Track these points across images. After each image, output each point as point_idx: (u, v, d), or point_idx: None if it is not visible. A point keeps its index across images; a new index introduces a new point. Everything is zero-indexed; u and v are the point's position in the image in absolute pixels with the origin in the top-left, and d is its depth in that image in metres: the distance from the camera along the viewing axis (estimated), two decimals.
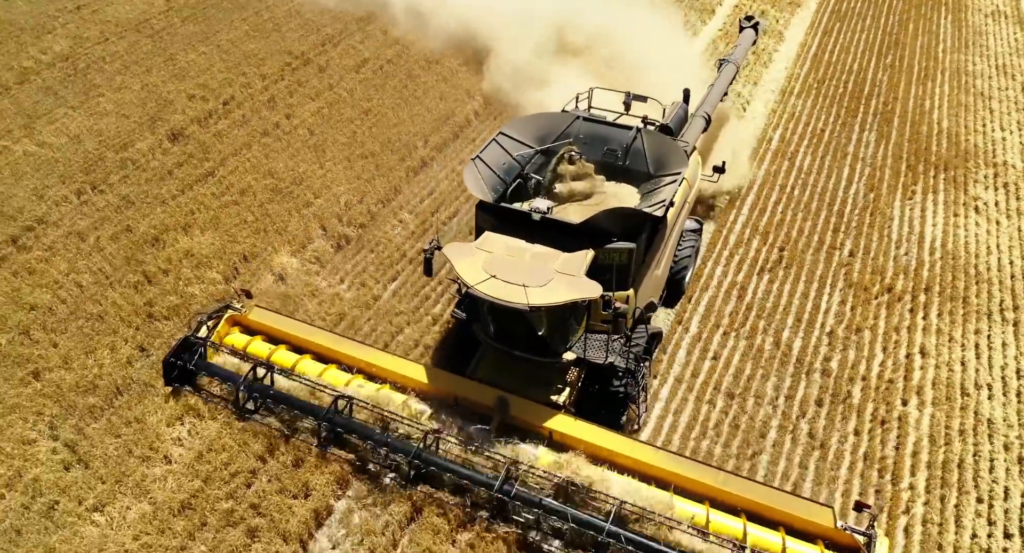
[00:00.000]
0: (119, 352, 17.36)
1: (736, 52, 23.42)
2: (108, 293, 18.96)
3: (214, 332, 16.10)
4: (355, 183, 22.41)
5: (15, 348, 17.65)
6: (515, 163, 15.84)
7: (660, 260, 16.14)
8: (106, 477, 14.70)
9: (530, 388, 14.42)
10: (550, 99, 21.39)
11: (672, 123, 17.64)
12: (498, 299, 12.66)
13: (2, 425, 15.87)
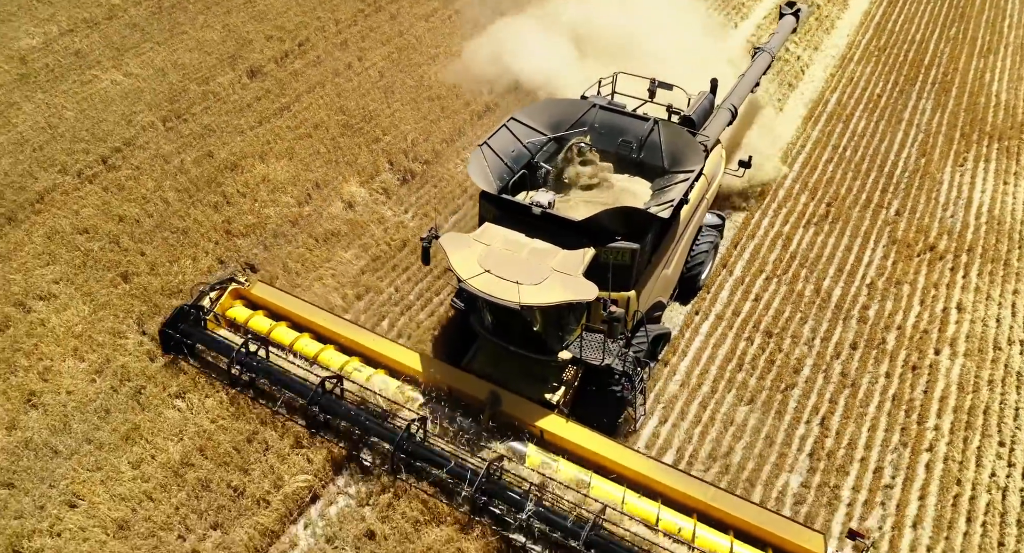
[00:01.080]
0: (200, 262, 18.71)
1: (773, 40, 22.20)
2: (191, 210, 20.31)
3: (217, 303, 16.05)
4: (421, 123, 23.37)
5: (106, 254, 19.13)
6: (525, 151, 15.13)
7: (670, 260, 15.55)
8: (187, 368, 16.03)
9: (525, 384, 14.03)
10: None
11: (695, 114, 16.72)
12: (489, 295, 12.19)
13: (95, 319, 17.38)
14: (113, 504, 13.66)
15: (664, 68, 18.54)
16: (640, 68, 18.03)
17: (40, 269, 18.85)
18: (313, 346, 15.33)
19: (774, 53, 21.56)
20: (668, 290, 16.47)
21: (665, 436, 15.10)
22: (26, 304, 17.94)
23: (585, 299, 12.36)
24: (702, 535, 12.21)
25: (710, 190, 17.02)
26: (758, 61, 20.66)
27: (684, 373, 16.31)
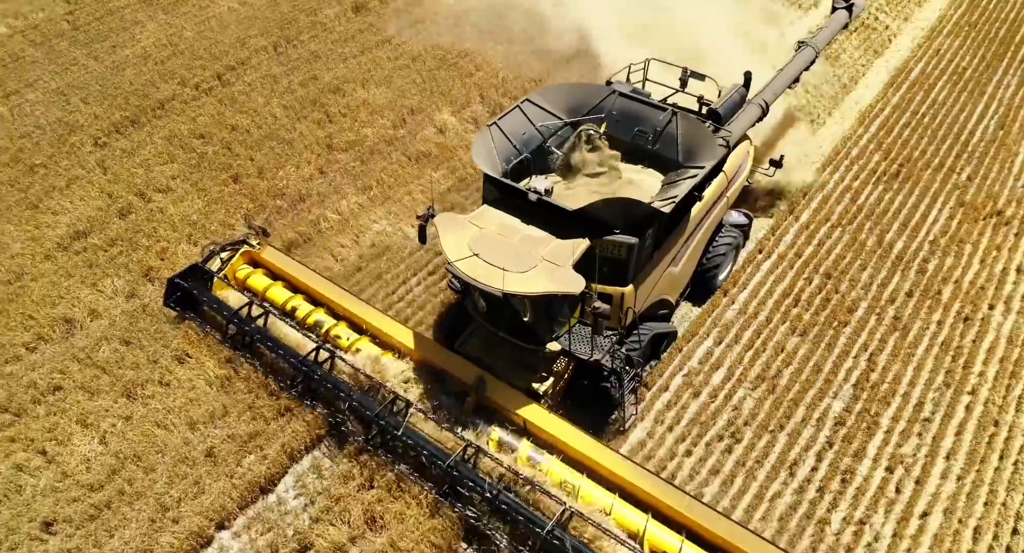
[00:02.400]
0: (302, 170, 20.23)
1: (820, 35, 20.53)
2: (296, 125, 21.83)
3: (228, 264, 16.09)
4: (512, 62, 24.39)
5: (219, 157, 20.80)
6: (537, 133, 14.56)
7: (678, 258, 14.96)
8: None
9: (514, 372, 13.65)
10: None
11: (723, 108, 16.06)
12: (473, 280, 11.80)
13: (207, 211, 19.07)
14: (217, 364, 15.28)
15: (708, 59, 18.36)
16: (687, 57, 17.63)
17: (160, 166, 20.64)
18: (313, 313, 15.21)
19: (819, 49, 19.94)
20: (677, 289, 15.89)
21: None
22: (147, 195, 19.75)
23: (570, 292, 11.70)
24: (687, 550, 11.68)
25: (731, 188, 16.27)
26: (800, 56, 19.26)
27: (742, 303, 17.16)
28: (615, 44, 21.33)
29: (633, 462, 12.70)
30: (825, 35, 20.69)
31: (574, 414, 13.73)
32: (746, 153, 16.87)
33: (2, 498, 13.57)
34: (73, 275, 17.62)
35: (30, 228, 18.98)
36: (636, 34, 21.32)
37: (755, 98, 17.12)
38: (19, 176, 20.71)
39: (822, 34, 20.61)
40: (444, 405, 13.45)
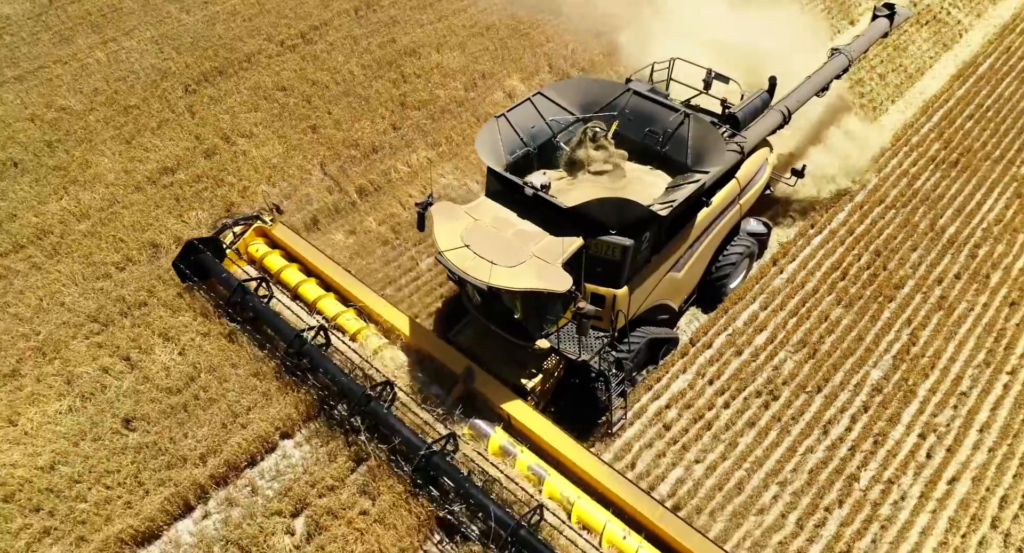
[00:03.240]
0: (377, 124, 21.13)
1: (856, 43, 19.38)
2: (373, 83, 22.74)
3: (240, 238, 16.24)
4: (584, 35, 24.93)
5: (299, 108, 21.83)
6: (547, 128, 14.32)
7: (682, 263, 14.62)
8: (352, 217, 18.55)
9: (504, 366, 13.54)
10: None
11: (742, 113, 15.60)
12: (459, 270, 11.66)
13: (286, 156, 20.11)
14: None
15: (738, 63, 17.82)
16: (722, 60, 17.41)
17: (244, 114, 21.75)
18: (313, 292, 15.37)
19: (853, 57, 18.82)
20: (680, 295, 15.49)
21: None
22: (231, 138, 20.87)
23: (555, 290, 11.48)
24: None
25: (745, 195, 15.81)
26: (831, 63, 18.28)
27: (790, 273, 17.55)
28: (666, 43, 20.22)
29: (609, 466, 12.43)
30: (861, 43, 19.56)
31: (564, 414, 13.86)
32: (764, 160, 16.31)
33: (88, 396, 14.77)
34: (161, 206, 18.82)
35: (123, 161, 20.26)
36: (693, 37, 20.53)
37: (777, 104, 16.50)
38: (114, 115, 22.04)
39: (858, 42, 19.48)
40: (432, 393, 13.39)
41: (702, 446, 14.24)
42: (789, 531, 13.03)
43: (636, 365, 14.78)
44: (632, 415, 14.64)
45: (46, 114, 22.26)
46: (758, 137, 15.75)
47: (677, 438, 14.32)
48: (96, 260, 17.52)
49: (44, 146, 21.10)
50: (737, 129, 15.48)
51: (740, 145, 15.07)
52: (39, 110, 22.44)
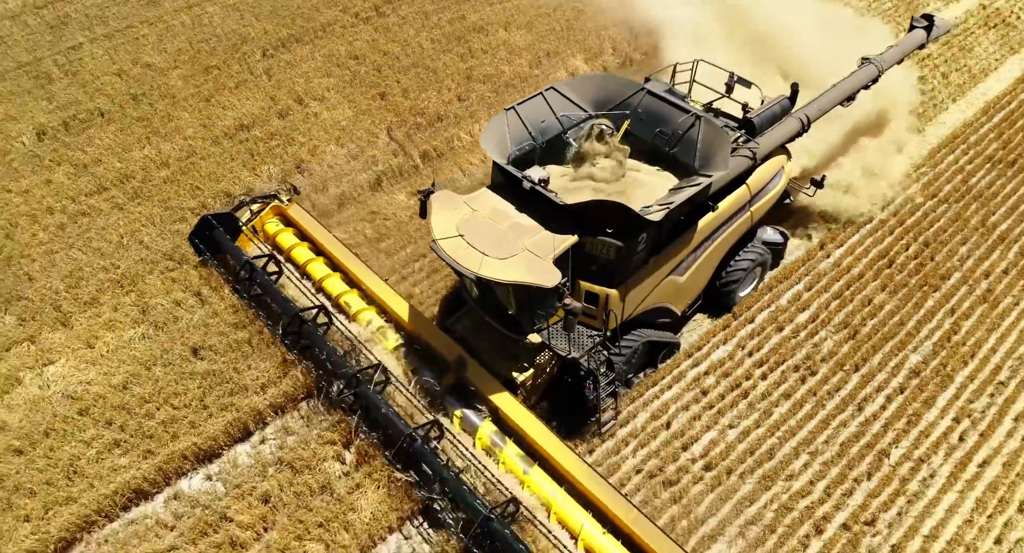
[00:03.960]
0: (443, 95, 21.81)
1: (888, 53, 18.32)
2: (441, 56, 23.44)
3: (257, 216, 16.45)
4: (649, 22, 25.28)
5: (369, 76, 22.63)
6: (557, 123, 14.15)
7: (683, 267, 14.38)
8: (414, 180, 19.27)
9: (496, 358, 13.55)
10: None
11: (759, 119, 15.11)
12: (451, 259, 11.71)
13: (355, 119, 20.92)
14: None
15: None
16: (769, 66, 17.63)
17: (317, 79, 22.63)
18: (320, 271, 15.48)
19: (884, 68, 17.84)
20: (682, 300, 15.23)
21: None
22: (304, 101, 21.76)
23: (543, 284, 11.46)
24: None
25: (757, 203, 15.43)
26: (860, 73, 17.50)
27: (837, 257, 17.74)
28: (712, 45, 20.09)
29: (589, 465, 12.32)
30: (894, 54, 18.53)
31: (555, 411, 14.03)
32: (779, 168, 15.87)
33: (161, 325, 15.74)
34: (235, 159, 19.77)
35: (202, 117, 21.29)
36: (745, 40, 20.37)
37: (797, 112, 15.93)
38: (196, 74, 23.12)
39: (890, 53, 18.44)
40: (424, 380, 13.43)
41: (737, 413, 14.62)
42: (816, 497, 13.37)
43: (633, 367, 14.78)
44: (671, 379, 15.10)
45: (132, 70, 23.43)
46: (773, 144, 15.31)
47: (713, 403, 14.73)
48: (173, 204, 18.53)
49: (129, 99, 22.25)
50: (753, 135, 15.05)
51: (752, 151, 14.64)
52: (126, 66, 23.62)
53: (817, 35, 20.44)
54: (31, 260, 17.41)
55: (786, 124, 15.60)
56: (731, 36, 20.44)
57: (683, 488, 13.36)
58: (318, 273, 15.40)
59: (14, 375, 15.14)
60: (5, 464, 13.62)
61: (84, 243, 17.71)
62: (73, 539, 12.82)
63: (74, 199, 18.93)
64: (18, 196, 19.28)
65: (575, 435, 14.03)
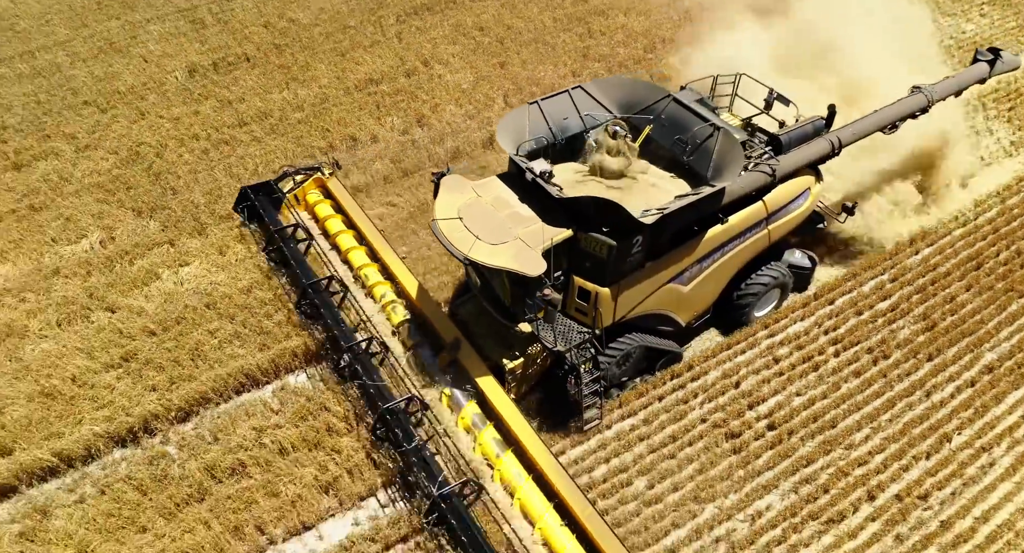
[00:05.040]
0: (559, 69, 22.95)
1: (942, 84, 17.23)
2: (560, 35, 24.56)
3: (300, 187, 16.98)
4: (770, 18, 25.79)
5: (492, 46, 24.00)
6: (579, 122, 14.14)
7: (687, 277, 14.18)
8: None
9: (491, 344, 13.86)
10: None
11: (789, 136, 14.78)
12: (445, 239, 11.99)
13: (475, 84, 22.26)
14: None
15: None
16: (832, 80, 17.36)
17: (444, 45, 24.09)
18: (347, 243, 16.08)
19: (934, 99, 16.81)
20: (686, 310, 14.95)
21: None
22: (430, 64, 23.24)
23: (526, 273, 11.67)
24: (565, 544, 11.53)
25: (776, 221, 15.06)
26: (907, 100, 16.59)
27: (925, 255, 17.90)
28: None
29: (554, 457, 12.45)
30: (948, 85, 17.44)
31: (545, 403, 14.49)
32: (805, 189, 15.37)
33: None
34: (363, 109, 21.39)
35: (337, 70, 23.03)
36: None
37: (830, 133, 15.37)
38: (334, 32, 24.94)
39: (945, 84, 17.37)
40: (421, 356, 13.82)
41: (805, 383, 15.19)
42: (873, 467, 13.84)
43: (627, 371, 14.79)
44: (745, 345, 15.78)
45: (278, 23, 25.44)
46: (796, 163, 14.78)
47: (784, 371, 15.34)
48: (304, 142, 20.25)
49: (273, 47, 24.21)
50: (778, 152, 14.68)
51: (772, 168, 14.17)
52: (272, 19, 25.66)
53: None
54: (176, 176, 19.40)
55: (814, 145, 15.07)
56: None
57: (744, 441, 14.07)
58: (345, 245, 16.03)
59: (154, 271, 17.04)
60: (140, 342, 15.45)
61: (224, 167, 19.59)
62: (191, 410, 14.51)
63: (217, 129, 20.90)
64: (169, 122, 21.40)
65: (560, 428, 14.29)
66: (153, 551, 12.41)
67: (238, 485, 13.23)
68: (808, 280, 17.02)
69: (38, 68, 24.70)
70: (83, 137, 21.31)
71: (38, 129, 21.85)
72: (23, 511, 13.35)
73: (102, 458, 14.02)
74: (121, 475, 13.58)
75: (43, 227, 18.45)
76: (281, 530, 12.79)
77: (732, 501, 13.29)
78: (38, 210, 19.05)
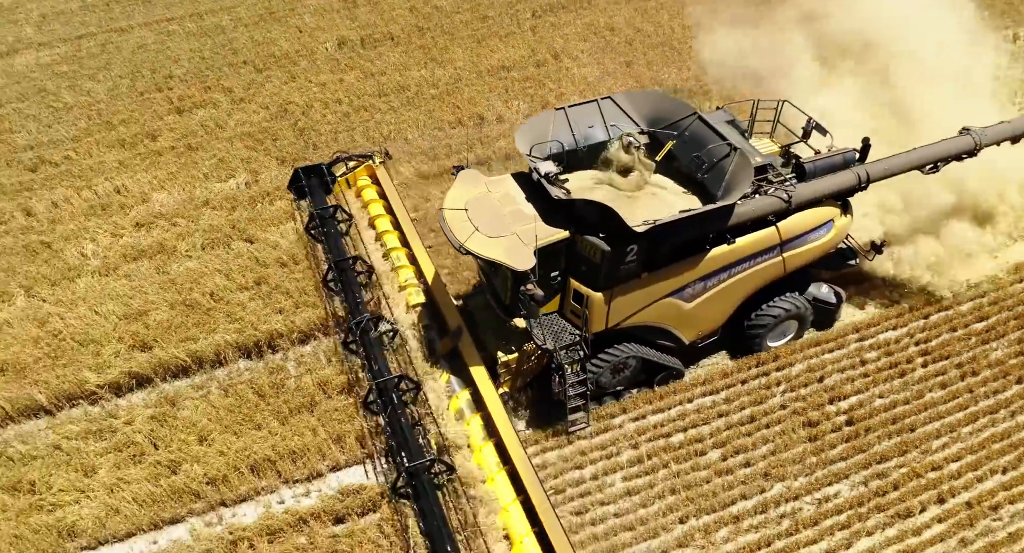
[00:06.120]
0: (682, 73, 23.79)
1: (994, 129, 16.17)
2: (689, 41, 25.32)
3: (351, 172, 17.63)
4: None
5: (620, 46, 25.16)
6: (604, 131, 14.20)
7: (690, 294, 14.06)
8: None
9: (491, 336, 14.18)
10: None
11: (815, 165, 14.40)
12: (447, 227, 12.48)
13: (601, 78, 23.31)
14: None
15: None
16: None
17: (574, 42, 25.27)
18: (383, 226, 16.62)
19: (982, 144, 15.82)
20: (689, 327, 14.75)
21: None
22: (559, 57, 24.46)
23: (513, 266, 12.02)
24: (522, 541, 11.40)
25: (791, 250, 14.63)
26: (952, 141, 15.69)
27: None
28: None
29: (524, 452, 12.47)
30: (1000, 131, 16.34)
31: (539, 400, 14.69)
32: (828, 221, 14.85)
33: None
34: (493, 91, 22.76)
35: (472, 54, 24.54)
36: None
37: (860, 166, 14.82)
38: (473, 20, 26.51)
39: (997, 129, 16.27)
40: (429, 339, 14.19)
41: (889, 387, 15.44)
42: (947, 473, 14.00)
43: (622, 380, 14.86)
44: (833, 345, 16.16)
45: (423, 8, 27.20)
46: (817, 192, 14.35)
47: (869, 373, 15.62)
48: (435, 116, 21.76)
49: (416, 30, 25.95)
50: (801, 180, 14.39)
51: (788, 194, 13.87)
52: (418, 4, 27.47)
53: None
54: (318, 134, 21.21)
55: (839, 176, 14.59)
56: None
57: (821, 430, 14.50)
58: (381, 227, 16.66)
59: (291, 212, 18.74)
60: (272, 270, 17.23)
61: (362, 130, 21.28)
62: (310, 334, 16.13)
63: (359, 96, 22.67)
64: (316, 86, 23.32)
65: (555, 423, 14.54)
66: (265, 445, 13.87)
67: (346, 401, 14.58)
68: (833, 317, 16.45)
69: (205, 28, 27.26)
70: (239, 92, 23.49)
71: (200, 81, 24.21)
72: (156, 399, 15.12)
73: (228, 365, 15.66)
74: (244, 379, 15.19)
75: (198, 164, 20.53)
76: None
77: (801, 483, 13.75)
78: (194, 149, 21.18)
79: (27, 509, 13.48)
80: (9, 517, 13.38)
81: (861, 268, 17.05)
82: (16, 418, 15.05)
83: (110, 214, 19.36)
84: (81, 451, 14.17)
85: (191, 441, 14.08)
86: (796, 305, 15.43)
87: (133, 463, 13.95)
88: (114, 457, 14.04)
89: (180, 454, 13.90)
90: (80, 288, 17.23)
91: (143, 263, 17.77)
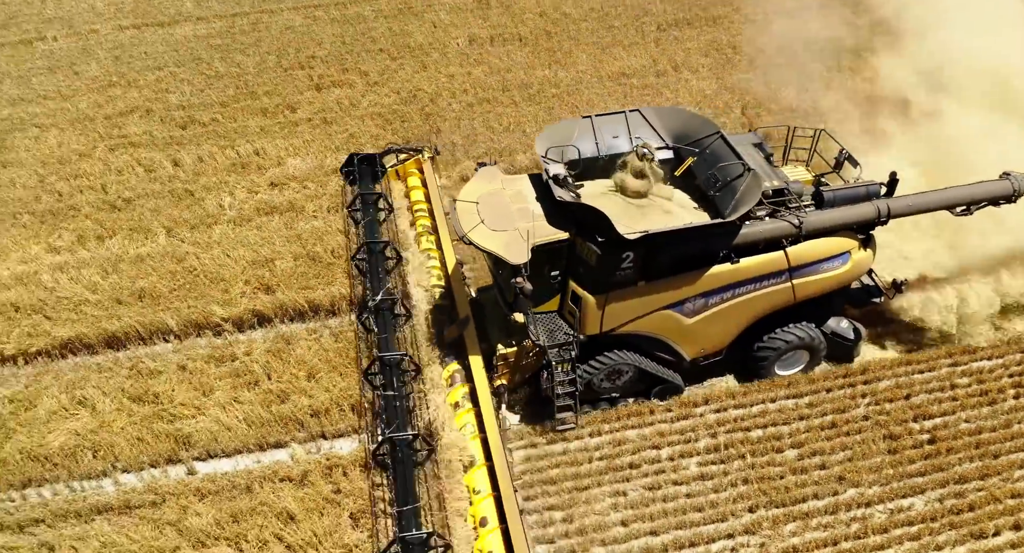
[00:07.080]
0: (801, 94, 23.93)
1: None
2: (812, 64, 25.31)
3: (401, 164, 18.15)
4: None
5: (740, 63, 25.49)
6: (628, 143, 14.38)
7: (690, 309, 14.13)
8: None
9: (496, 329, 14.63)
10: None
11: (835, 195, 14.30)
12: (454, 217, 13.07)
13: (717, 93, 23.83)
14: None
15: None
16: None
17: (696, 56, 26.14)
18: (421, 217, 17.15)
19: (1022, 190, 15.07)
20: (689, 342, 14.76)
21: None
22: (679, 69, 25.34)
23: (507, 258, 12.52)
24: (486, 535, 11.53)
25: (800, 277, 14.49)
26: (989, 184, 15.05)
27: None
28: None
29: (504, 445, 12.73)
30: None
31: (535, 396, 14.90)
32: (844, 252, 14.64)
33: None
34: (611, 95, 23.74)
35: (595, 61, 25.60)
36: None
37: (881, 200, 14.52)
38: (599, 29, 27.49)
39: None
40: (439, 325, 14.55)
41: (977, 413, 15.06)
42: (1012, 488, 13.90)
43: (619, 388, 14.98)
44: (924, 366, 16.08)
45: (552, 14, 28.36)
46: (831, 221, 14.20)
47: (958, 397, 15.27)
48: (554, 113, 22.80)
49: (543, 33, 27.10)
50: (819, 207, 14.37)
51: (799, 220, 13.79)
52: (547, 10, 28.64)
53: None
54: (443, 120, 22.52)
55: (857, 208, 14.37)
56: None
57: (901, 445, 14.56)
58: (417, 215, 17.40)
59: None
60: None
61: (483, 120, 22.48)
62: None
63: (484, 89, 23.92)
64: (445, 78, 24.71)
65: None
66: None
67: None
68: (851, 353, 16.09)
69: (348, 16, 29.21)
70: (374, 76, 25.13)
71: (339, 63, 26.02)
72: (274, 337, 16.52)
73: (341, 316, 16.93)
74: (354, 329, 16.37)
75: (331, 136, 22.13)
76: None
77: (875, 492, 13.89)
78: (329, 123, 22.83)
79: (150, 416, 14.99)
80: (135, 421, 14.92)
81: (887, 306, 16.78)
82: (148, 339, 16.69)
83: (248, 172, 21.11)
84: (203, 372, 15.65)
85: (301, 376, 15.33)
86: (807, 336, 15.24)
87: (247, 388, 15.30)
88: (231, 381, 15.44)
89: (290, 386, 15.17)
90: (216, 234, 18.91)
91: (273, 218, 19.33)
